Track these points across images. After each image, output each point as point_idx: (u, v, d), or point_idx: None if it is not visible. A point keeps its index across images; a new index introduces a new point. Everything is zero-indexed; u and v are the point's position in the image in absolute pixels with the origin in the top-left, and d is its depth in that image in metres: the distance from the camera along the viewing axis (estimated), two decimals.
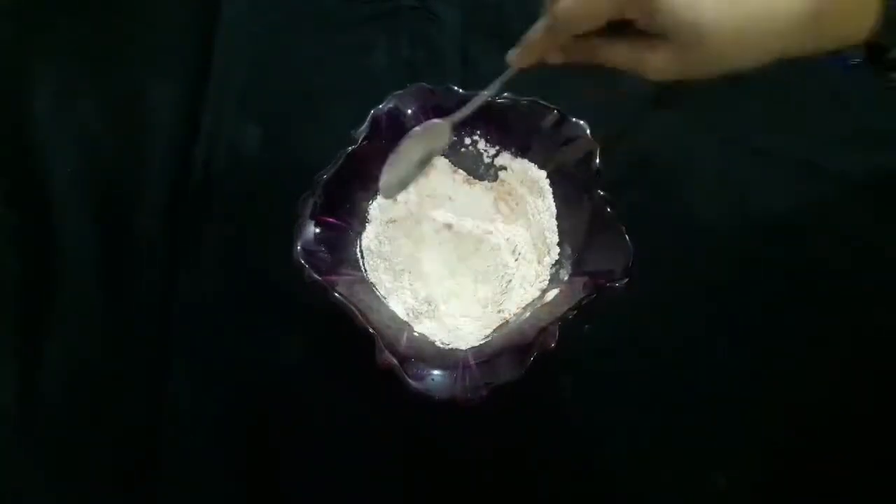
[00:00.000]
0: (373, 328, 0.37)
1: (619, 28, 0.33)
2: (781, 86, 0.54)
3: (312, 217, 0.41)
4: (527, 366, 0.37)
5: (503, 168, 0.49)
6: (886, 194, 0.51)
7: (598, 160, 0.44)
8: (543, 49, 0.36)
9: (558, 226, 0.47)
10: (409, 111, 0.47)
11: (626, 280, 0.39)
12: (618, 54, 0.33)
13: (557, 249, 0.46)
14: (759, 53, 0.31)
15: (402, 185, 0.43)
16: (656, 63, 0.32)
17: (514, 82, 0.48)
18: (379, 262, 0.45)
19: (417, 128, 0.42)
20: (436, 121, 0.42)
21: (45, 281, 0.46)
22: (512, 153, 0.49)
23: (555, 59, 0.36)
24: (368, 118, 0.45)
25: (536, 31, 0.36)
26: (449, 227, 0.48)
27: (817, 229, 0.49)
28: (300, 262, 0.39)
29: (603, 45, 0.34)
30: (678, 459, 0.42)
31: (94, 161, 0.51)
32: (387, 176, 0.42)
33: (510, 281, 0.46)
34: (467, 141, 0.49)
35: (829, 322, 0.46)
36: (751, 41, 0.30)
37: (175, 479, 0.41)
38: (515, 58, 0.37)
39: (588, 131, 0.45)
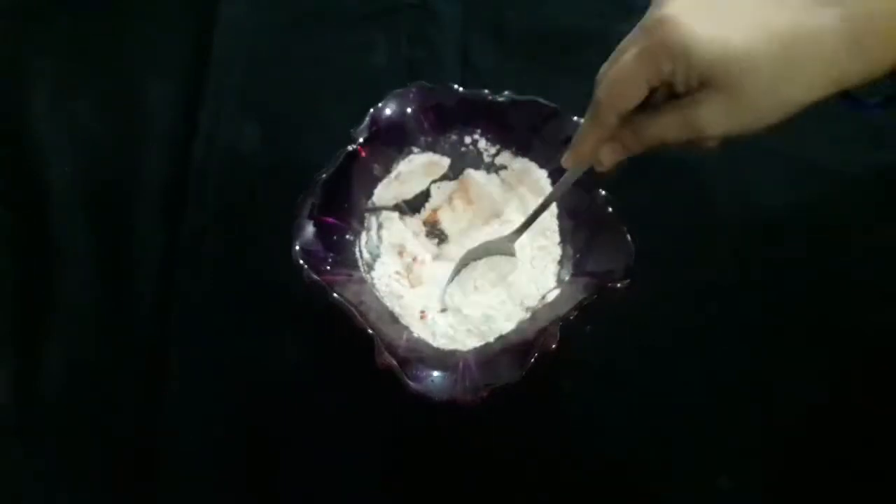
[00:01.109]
0: (372, 328, 0.37)
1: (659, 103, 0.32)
2: None
3: (311, 217, 0.41)
4: (527, 367, 0.36)
5: (503, 167, 0.49)
6: (886, 194, 0.51)
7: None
8: (595, 143, 0.35)
9: (559, 226, 0.47)
10: (409, 110, 0.47)
11: (628, 280, 0.39)
12: (667, 125, 0.32)
13: (558, 250, 0.46)
14: (808, 82, 0.29)
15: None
16: (708, 118, 0.30)
17: (514, 84, 0.48)
18: (378, 261, 0.45)
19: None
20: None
21: (43, 281, 0.46)
22: (512, 152, 0.49)
23: (609, 158, 0.35)
24: (368, 117, 0.44)
25: (582, 128, 0.35)
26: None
27: (817, 229, 0.49)
28: (299, 262, 0.39)
29: (650, 122, 0.33)
30: (679, 460, 0.42)
31: (92, 160, 0.51)
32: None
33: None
34: (467, 140, 0.49)
35: (830, 322, 0.46)
36: (794, 68, 0.29)
37: (174, 479, 0.41)
38: (570, 158, 0.37)
39: None
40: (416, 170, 0.49)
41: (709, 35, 0.28)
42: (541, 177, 0.48)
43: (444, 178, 0.49)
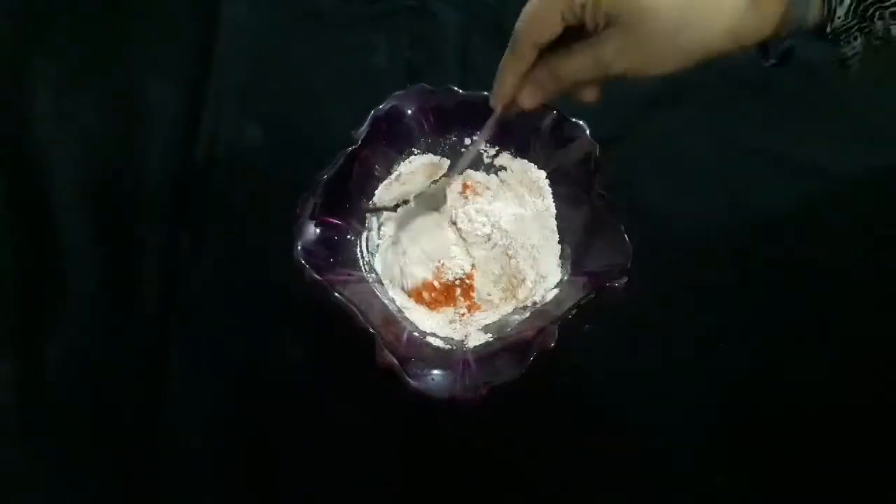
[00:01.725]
0: (373, 328, 0.37)
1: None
2: (781, 86, 0.54)
3: (312, 217, 0.41)
4: (526, 365, 0.36)
5: (503, 168, 0.49)
6: (886, 194, 0.51)
7: (598, 159, 0.44)
8: (514, 78, 0.37)
9: (558, 226, 0.47)
10: (409, 111, 0.47)
11: (626, 280, 0.39)
12: (579, 62, 0.34)
13: (558, 248, 0.46)
14: (706, 33, 0.31)
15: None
16: (612, 55, 0.33)
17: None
18: (379, 261, 0.45)
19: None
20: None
21: (44, 281, 0.46)
22: (512, 153, 0.49)
23: (528, 98, 0.37)
24: (369, 118, 0.45)
25: (501, 63, 0.37)
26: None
27: (817, 229, 0.49)
28: (300, 262, 0.39)
29: (564, 61, 0.35)
30: (678, 459, 0.42)
31: (93, 161, 0.51)
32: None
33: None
34: (467, 141, 0.49)
35: (829, 322, 0.46)
36: (693, 17, 0.31)
37: (174, 479, 0.41)
38: (494, 97, 0.39)
39: (588, 131, 0.45)
40: (416, 170, 0.49)
41: None
42: (540, 177, 0.48)
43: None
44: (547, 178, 0.48)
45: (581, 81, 0.35)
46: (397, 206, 0.47)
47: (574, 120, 0.46)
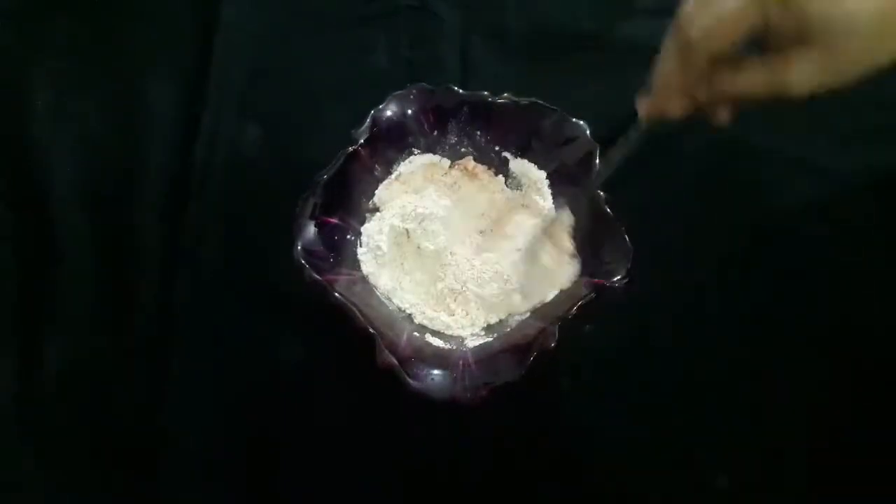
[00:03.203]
0: (373, 328, 0.37)
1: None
2: None
3: (312, 217, 0.41)
4: (526, 366, 0.37)
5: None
6: (886, 194, 0.51)
7: (597, 160, 0.44)
8: (681, 88, 0.33)
9: None
10: (410, 112, 0.47)
11: (626, 280, 0.39)
12: (752, 80, 0.32)
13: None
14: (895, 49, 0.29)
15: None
16: (801, 74, 0.30)
17: (513, 85, 0.48)
18: (379, 260, 0.45)
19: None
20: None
21: (44, 281, 0.46)
22: (512, 153, 0.49)
23: (677, 108, 0.34)
24: (368, 119, 0.45)
25: (663, 70, 0.33)
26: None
27: (817, 229, 0.49)
28: (300, 262, 0.39)
29: (733, 75, 0.32)
30: (678, 459, 0.42)
31: (93, 161, 0.51)
32: None
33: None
34: (467, 141, 0.49)
35: (829, 322, 0.46)
36: (889, 33, 0.29)
37: (174, 479, 0.41)
38: (649, 104, 0.35)
39: (588, 131, 0.45)
40: (416, 170, 0.49)
41: None
42: (540, 178, 0.48)
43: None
44: (547, 178, 0.48)
45: (747, 97, 0.33)
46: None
47: (574, 120, 0.46)
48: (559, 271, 0.44)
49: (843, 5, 0.28)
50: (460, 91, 0.47)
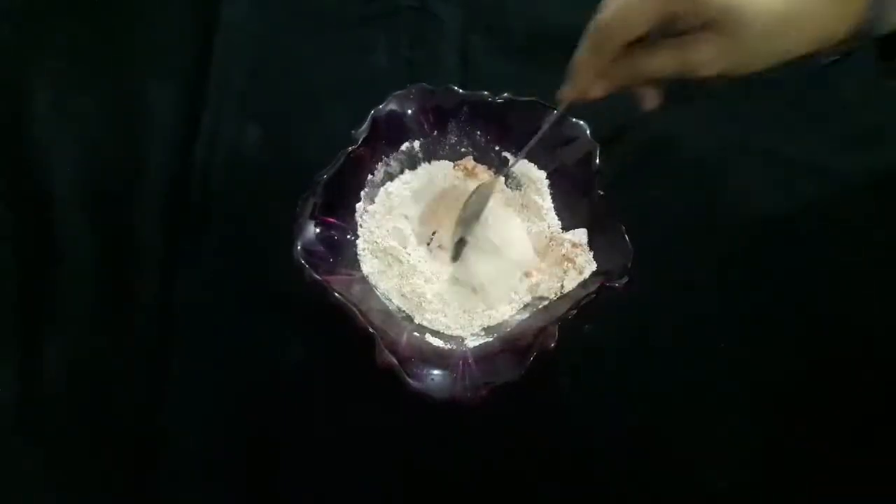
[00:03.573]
0: (373, 328, 0.37)
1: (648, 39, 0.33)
2: (781, 86, 0.54)
3: (312, 217, 0.41)
4: (526, 366, 0.37)
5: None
6: (886, 194, 0.51)
7: (598, 160, 0.44)
8: (593, 72, 0.36)
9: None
10: (409, 111, 0.47)
11: (626, 280, 0.39)
12: (663, 61, 0.34)
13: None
14: (799, 38, 0.32)
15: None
16: (706, 56, 0.33)
17: (513, 85, 0.48)
18: (378, 260, 0.45)
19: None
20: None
21: (44, 281, 0.46)
22: (512, 153, 0.49)
23: (598, 90, 0.37)
24: (368, 119, 0.45)
25: (579, 57, 0.36)
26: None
27: (817, 229, 0.49)
28: (300, 262, 0.39)
29: (645, 58, 0.34)
30: (678, 459, 0.42)
31: (93, 161, 0.51)
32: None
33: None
34: (467, 141, 0.49)
35: (829, 322, 0.46)
36: (790, 25, 0.32)
37: (174, 479, 0.41)
38: (567, 91, 0.38)
39: (588, 131, 0.45)
40: (418, 173, 0.49)
41: None
42: (540, 177, 0.48)
43: None
44: (547, 178, 0.48)
45: (660, 79, 0.35)
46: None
47: (574, 120, 0.46)
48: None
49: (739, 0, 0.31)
50: (460, 91, 0.47)
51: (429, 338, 0.42)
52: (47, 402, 0.43)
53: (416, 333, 0.42)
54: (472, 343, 0.42)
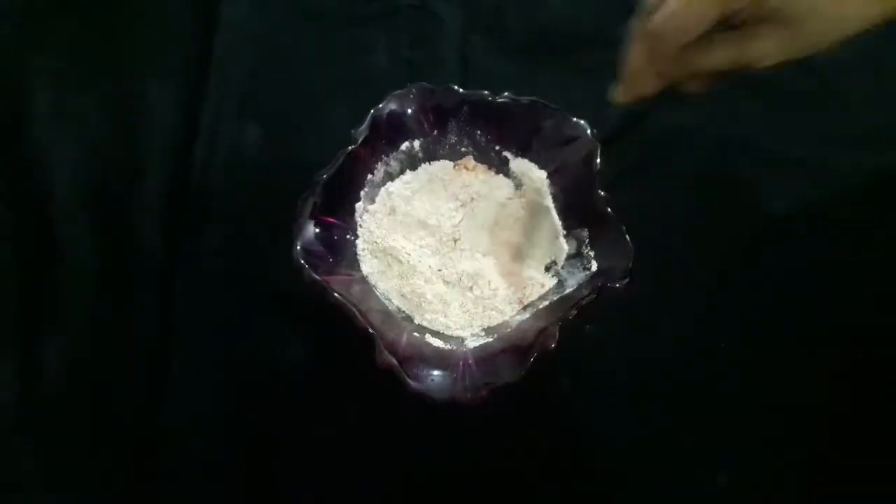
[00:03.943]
0: (373, 328, 0.37)
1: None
2: (781, 86, 0.54)
3: (312, 217, 0.41)
4: (527, 366, 0.36)
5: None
6: (886, 194, 0.51)
7: (598, 160, 0.44)
8: (645, 77, 0.36)
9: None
10: (409, 111, 0.47)
11: (627, 280, 0.39)
12: (721, 55, 0.34)
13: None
14: (859, 19, 0.32)
15: None
16: (767, 48, 0.33)
17: (514, 84, 0.48)
18: (378, 260, 0.45)
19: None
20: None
21: (44, 281, 0.46)
22: (512, 153, 0.49)
23: (653, 86, 0.36)
24: (368, 118, 0.45)
25: (634, 61, 0.36)
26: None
27: (817, 229, 0.49)
28: (300, 262, 0.39)
29: (701, 53, 0.34)
30: (678, 459, 0.42)
31: (93, 161, 0.51)
32: None
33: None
34: (466, 141, 0.49)
35: (830, 322, 0.46)
36: (849, 7, 0.32)
37: (175, 479, 0.41)
38: (623, 92, 0.38)
39: (588, 131, 0.45)
40: (420, 174, 0.49)
41: None
42: (540, 177, 0.48)
43: None
44: (547, 177, 0.48)
45: (718, 72, 0.35)
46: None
47: (575, 120, 0.46)
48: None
49: None
50: (460, 91, 0.47)
51: (429, 338, 0.42)
52: (47, 402, 0.43)
53: (416, 334, 0.42)
54: (472, 343, 0.42)
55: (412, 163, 0.49)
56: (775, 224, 0.50)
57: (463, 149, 0.49)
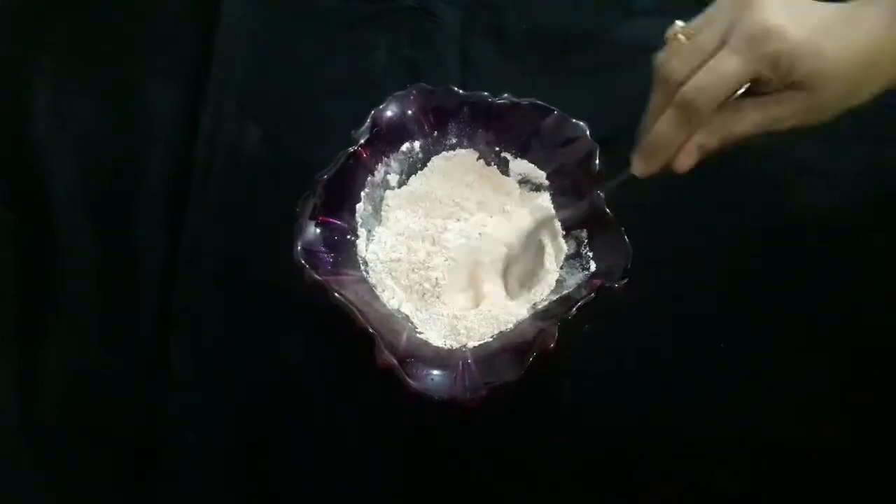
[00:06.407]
0: (373, 328, 0.37)
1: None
2: None
3: (312, 217, 0.41)
4: (526, 366, 0.37)
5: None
6: (887, 196, 0.51)
7: (597, 161, 0.44)
8: (674, 147, 0.36)
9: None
10: (410, 112, 0.47)
11: (626, 280, 0.39)
12: (750, 121, 0.35)
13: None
14: (877, 85, 0.34)
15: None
16: (789, 113, 0.34)
17: (513, 85, 0.48)
18: (378, 261, 0.45)
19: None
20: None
21: (44, 281, 0.46)
22: (512, 154, 0.49)
23: (688, 161, 0.36)
24: (369, 119, 0.45)
25: (661, 131, 0.35)
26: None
27: (817, 229, 0.49)
28: (300, 263, 0.39)
29: (731, 119, 0.35)
30: (679, 459, 0.42)
31: (93, 161, 0.51)
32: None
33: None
34: (466, 142, 0.49)
35: (830, 322, 0.46)
36: (870, 76, 0.34)
37: (175, 480, 0.41)
38: (640, 165, 0.37)
39: (588, 132, 0.45)
40: (420, 174, 0.49)
41: (809, 47, 0.32)
42: (540, 177, 0.48)
43: None
44: (547, 178, 0.48)
45: (744, 136, 0.35)
46: None
47: (574, 120, 0.46)
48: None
49: (826, 59, 0.32)
50: (460, 91, 0.47)
51: (429, 338, 0.42)
52: (47, 403, 0.43)
53: (416, 333, 0.42)
54: (471, 343, 0.42)
55: (412, 163, 0.49)
56: (775, 225, 0.50)
57: (463, 149, 0.49)
